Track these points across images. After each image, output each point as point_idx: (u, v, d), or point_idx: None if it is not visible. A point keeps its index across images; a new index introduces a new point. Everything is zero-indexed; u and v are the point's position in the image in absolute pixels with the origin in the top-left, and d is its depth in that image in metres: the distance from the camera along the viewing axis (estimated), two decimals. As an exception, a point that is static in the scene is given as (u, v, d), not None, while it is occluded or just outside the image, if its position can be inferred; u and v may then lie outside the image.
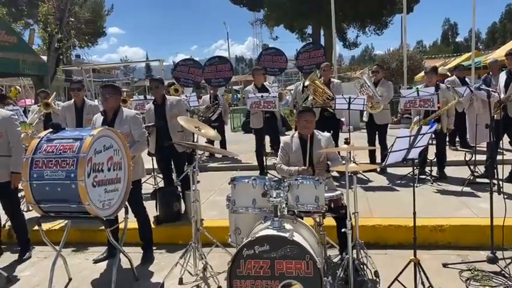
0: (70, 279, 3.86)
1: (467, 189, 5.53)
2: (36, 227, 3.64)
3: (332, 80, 7.09)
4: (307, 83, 6.85)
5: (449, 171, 6.33)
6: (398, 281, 3.17)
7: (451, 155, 7.16)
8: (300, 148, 3.99)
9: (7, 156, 4.20)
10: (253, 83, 7.25)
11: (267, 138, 7.20)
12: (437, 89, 6.02)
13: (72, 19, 18.04)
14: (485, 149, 6.36)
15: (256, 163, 7.26)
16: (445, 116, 6.06)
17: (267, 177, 3.32)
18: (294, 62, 10.93)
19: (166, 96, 5.29)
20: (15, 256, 4.50)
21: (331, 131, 5.70)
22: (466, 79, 8.43)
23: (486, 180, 5.56)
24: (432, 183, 5.99)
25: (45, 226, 4.58)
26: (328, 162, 3.88)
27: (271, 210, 3.09)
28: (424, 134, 3.16)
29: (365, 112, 6.80)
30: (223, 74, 10.15)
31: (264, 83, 7.30)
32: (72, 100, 5.40)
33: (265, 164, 6.94)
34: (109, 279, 3.50)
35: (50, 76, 14.39)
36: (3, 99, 9.76)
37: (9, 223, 4.86)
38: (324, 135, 4.10)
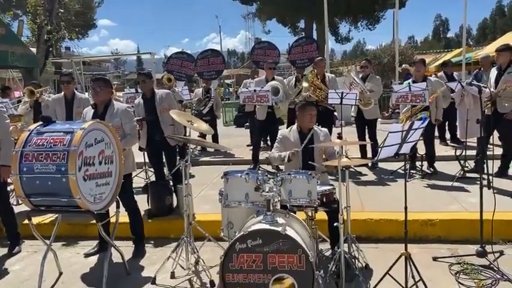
0: (61, 273, 3.83)
1: (457, 184, 5.59)
2: (26, 221, 3.59)
3: (327, 74, 7.09)
4: (305, 84, 6.84)
5: (439, 166, 6.38)
6: (389, 274, 3.20)
7: (441, 150, 7.23)
8: (299, 142, 3.99)
9: None
10: (265, 76, 7.22)
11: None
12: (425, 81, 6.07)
13: (62, 10, 17.77)
14: (475, 144, 6.42)
15: (248, 157, 7.27)
16: (434, 106, 6.11)
17: (260, 172, 3.31)
18: (287, 57, 10.88)
19: (155, 89, 5.26)
20: (5, 250, 4.45)
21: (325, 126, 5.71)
22: (454, 75, 8.50)
23: (476, 175, 5.62)
24: (423, 178, 6.04)
25: (36, 220, 4.55)
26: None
27: (264, 204, 3.09)
28: (416, 129, 3.18)
29: (353, 107, 6.81)
30: (216, 67, 10.09)
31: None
32: (62, 93, 5.33)
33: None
34: (100, 273, 3.48)
35: (39, 68, 14.18)
36: (6, 90, 9.66)
37: (-2, 217, 4.80)
38: (322, 130, 4.12)
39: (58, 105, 5.28)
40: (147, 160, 6.15)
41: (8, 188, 4.56)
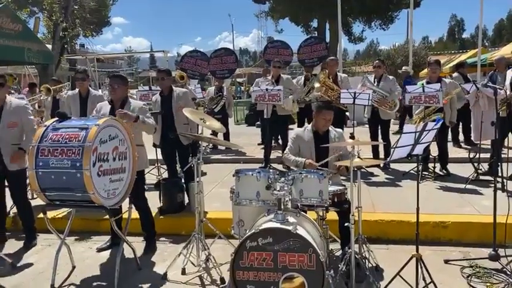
0: (74, 267, 3.89)
1: (470, 186, 5.53)
2: (41, 215, 3.66)
3: (339, 74, 7.07)
4: (317, 84, 6.82)
5: (452, 168, 6.32)
6: (400, 276, 3.18)
7: (455, 152, 7.15)
8: (313, 143, 3.98)
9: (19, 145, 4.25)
10: (271, 75, 7.23)
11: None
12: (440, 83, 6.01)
13: (77, 8, 18.00)
14: (489, 147, 6.35)
15: (259, 156, 7.30)
16: (448, 108, 6.05)
17: (271, 171, 3.32)
18: (296, 56, 10.89)
19: (174, 87, 5.28)
20: (20, 243, 4.53)
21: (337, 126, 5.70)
22: (468, 76, 8.42)
23: (490, 178, 5.56)
24: (435, 180, 5.99)
25: (50, 214, 4.61)
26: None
27: (275, 203, 3.09)
28: (429, 130, 3.15)
29: (366, 108, 6.76)
30: (228, 66, 10.13)
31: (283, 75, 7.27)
32: (77, 89, 5.41)
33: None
34: (112, 267, 3.53)
35: (54, 65, 14.40)
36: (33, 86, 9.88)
37: (14, 210, 4.90)
38: (337, 131, 4.10)
39: (73, 101, 5.36)
40: (159, 157, 6.21)
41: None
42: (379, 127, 6.79)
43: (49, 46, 15.32)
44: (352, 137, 3.80)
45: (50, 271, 3.56)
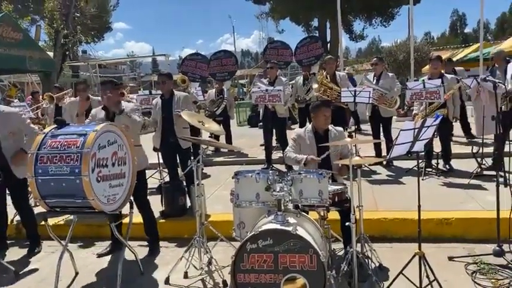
0: (77, 274, 3.90)
1: (474, 181, 5.48)
2: (43, 222, 3.67)
3: (337, 73, 7.04)
4: (315, 85, 6.80)
5: (455, 163, 6.28)
6: (403, 274, 3.15)
7: (458, 147, 7.10)
8: (314, 142, 3.96)
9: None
10: (267, 77, 7.22)
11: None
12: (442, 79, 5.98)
13: (78, 15, 18.10)
14: (493, 141, 6.29)
15: (262, 157, 7.28)
16: (450, 103, 6.01)
17: (270, 171, 3.30)
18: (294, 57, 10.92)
19: (175, 91, 5.29)
20: (23, 251, 4.54)
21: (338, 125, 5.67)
22: (472, 71, 8.40)
23: (493, 173, 5.50)
24: (439, 176, 5.95)
25: (52, 221, 4.64)
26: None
27: (275, 204, 3.08)
28: (428, 126, 3.13)
29: (367, 106, 6.72)
30: (228, 68, 10.15)
31: (280, 77, 7.25)
32: (78, 97, 5.47)
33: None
34: (115, 272, 3.52)
35: (56, 72, 14.48)
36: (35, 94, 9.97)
37: (17, 218, 4.92)
38: (338, 130, 4.07)
39: (74, 108, 5.40)
40: (161, 161, 6.21)
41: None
42: (381, 125, 6.76)
43: (51, 54, 15.43)
44: (350, 135, 3.76)
45: (53, 278, 3.56)
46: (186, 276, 3.66)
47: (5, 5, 15.98)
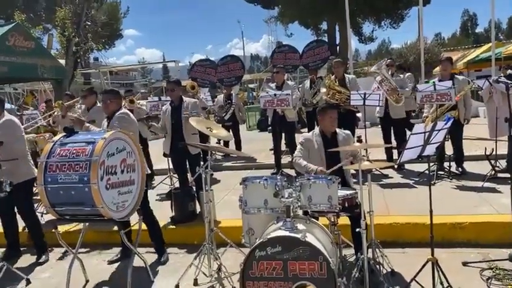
0: (87, 281, 3.90)
1: (488, 184, 5.37)
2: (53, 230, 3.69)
3: (346, 75, 6.99)
4: (323, 90, 6.77)
5: (468, 166, 6.17)
6: (416, 281, 3.10)
7: (471, 149, 6.97)
8: (322, 147, 3.91)
9: (13, 160, 4.26)
10: (275, 82, 7.21)
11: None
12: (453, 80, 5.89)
13: (89, 23, 18.32)
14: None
15: (271, 162, 7.24)
16: (462, 105, 5.92)
17: (278, 177, 3.26)
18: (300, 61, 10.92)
19: (184, 97, 5.31)
20: (35, 258, 4.57)
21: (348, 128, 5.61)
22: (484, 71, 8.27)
23: (508, 175, 5.39)
24: (451, 180, 5.85)
25: (63, 228, 4.67)
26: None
27: (284, 210, 3.05)
28: (439, 130, 3.07)
29: (378, 108, 6.66)
30: (235, 73, 10.18)
31: (287, 81, 7.23)
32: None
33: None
34: (125, 280, 3.52)
35: (68, 79, 14.66)
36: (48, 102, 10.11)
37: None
38: (345, 133, 4.04)
39: (82, 115, 5.47)
40: (171, 166, 6.23)
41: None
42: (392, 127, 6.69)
43: (63, 61, 15.63)
44: (359, 140, 3.71)
45: (64, 286, 3.57)
46: (195, 283, 3.64)
47: (18, 14, 16.27)
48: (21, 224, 4.74)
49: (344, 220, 3.56)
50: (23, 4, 24.95)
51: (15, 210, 4.58)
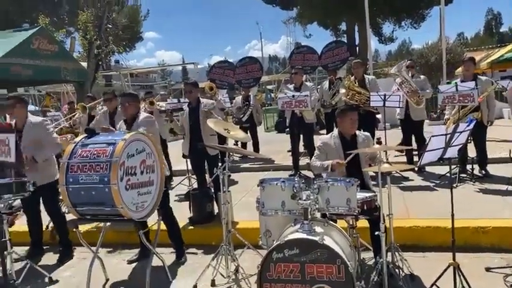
0: (107, 280, 3.96)
1: (512, 188, 5.23)
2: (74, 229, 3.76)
3: (366, 76, 6.92)
4: (342, 90, 6.72)
5: (492, 168, 6.01)
6: (437, 285, 3.04)
7: (495, 151, 6.80)
8: (341, 149, 3.85)
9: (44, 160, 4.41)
10: (293, 83, 7.20)
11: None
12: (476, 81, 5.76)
13: (110, 26, 18.61)
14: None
15: (289, 163, 7.22)
16: (485, 106, 5.78)
17: (296, 179, 3.24)
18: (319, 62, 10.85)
19: (201, 99, 5.36)
20: (57, 257, 4.66)
21: (367, 129, 5.54)
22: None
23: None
24: (474, 183, 5.71)
25: (84, 228, 4.76)
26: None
27: (301, 212, 3.03)
28: (461, 132, 3.00)
29: (398, 110, 6.56)
30: (254, 75, 10.19)
31: (306, 82, 7.21)
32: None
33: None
34: (144, 280, 3.57)
35: (90, 82, 14.95)
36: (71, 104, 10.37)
37: (51, 224, 5.06)
38: (365, 134, 3.99)
39: (104, 118, 5.63)
40: (189, 167, 6.28)
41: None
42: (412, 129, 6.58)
43: (85, 64, 15.94)
44: (379, 142, 3.66)
45: (84, 284, 3.64)
46: (213, 284, 3.66)
47: (42, 18, 16.66)
48: (44, 223, 4.86)
49: (363, 223, 3.52)
50: (46, 8, 25.57)
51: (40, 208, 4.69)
